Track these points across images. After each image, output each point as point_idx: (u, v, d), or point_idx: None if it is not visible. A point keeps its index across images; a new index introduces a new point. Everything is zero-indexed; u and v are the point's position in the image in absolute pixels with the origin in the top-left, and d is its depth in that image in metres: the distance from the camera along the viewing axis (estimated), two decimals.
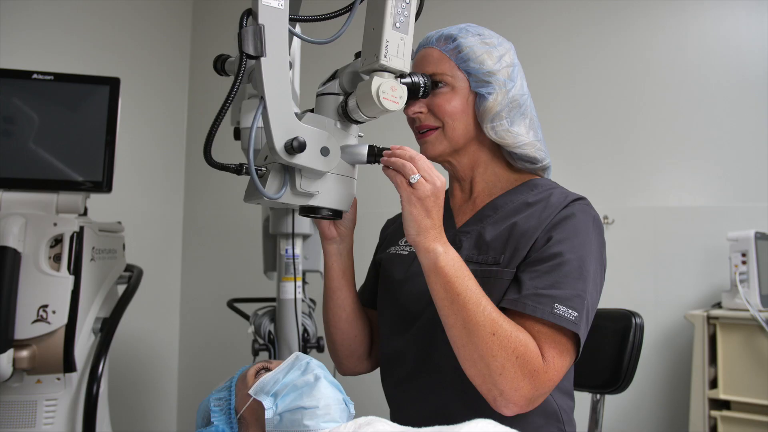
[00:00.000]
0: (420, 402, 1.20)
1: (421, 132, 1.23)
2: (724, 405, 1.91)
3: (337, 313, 1.31)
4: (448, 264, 1.04)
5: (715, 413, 1.89)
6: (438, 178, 1.05)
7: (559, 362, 1.04)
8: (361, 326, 1.34)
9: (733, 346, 1.89)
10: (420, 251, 1.06)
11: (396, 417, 1.25)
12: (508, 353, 0.99)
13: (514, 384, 1.00)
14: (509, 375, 0.99)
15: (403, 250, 1.31)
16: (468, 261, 1.13)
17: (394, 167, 1.05)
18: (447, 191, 1.33)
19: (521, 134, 1.20)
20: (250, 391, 1.01)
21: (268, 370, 1.06)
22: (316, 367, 1.04)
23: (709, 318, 1.93)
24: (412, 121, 1.25)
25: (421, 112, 1.20)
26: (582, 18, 2.47)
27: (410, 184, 1.03)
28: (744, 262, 1.96)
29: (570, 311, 1.03)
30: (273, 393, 0.99)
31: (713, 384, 1.93)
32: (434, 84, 1.19)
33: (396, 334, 1.26)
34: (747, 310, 1.87)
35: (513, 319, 1.05)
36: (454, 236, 1.22)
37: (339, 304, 1.30)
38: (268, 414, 0.97)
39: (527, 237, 1.12)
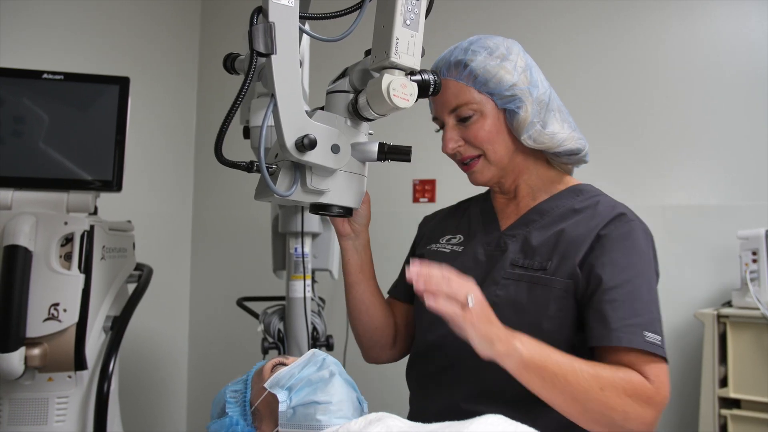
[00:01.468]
0: (444, 397, 1.20)
1: (464, 163, 1.23)
2: (735, 404, 1.90)
3: (356, 306, 1.34)
4: (532, 352, 1.00)
5: (725, 412, 1.88)
6: (466, 279, 1.00)
7: (663, 377, 1.05)
8: (381, 318, 1.36)
9: (743, 345, 1.88)
10: (502, 359, 0.99)
11: (416, 411, 1.27)
12: (622, 398, 1.01)
13: (639, 419, 1.02)
14: (632, 415, 1.01)
15: (444, 247, 1.32)
16: (514, 265, 1.14)
17: (444, 294, 0.95)
18: (489, 192, 1.35)
19: (557, 132, 1.20)
20: (266, 385, 1.02)
21: (284, 365, 1.07)
22: (332, 363, 1.05)
23: (719, 317, 1.92)
24: (452, 155, 1.24)
25: (459, 147, 1.21)
26: (591, 16, 2.46)
27: (464, 307, 0.96)
28: (754, 261, 1.95)
29: (655, 336, 1.05)
30: (288, 387, 1.00)
31: (723, 383, 1.92)
32: (462, 119, 1.19)
33: (432, 330, 1.25)
34: (757, 309, 1.85)
35: (602, 355, 1.06)
36: (499, 239, 1.23)
37: (358, 298, 1.33)
38: (282, 407, 0.98)
39: (576, 245, 1.13)
